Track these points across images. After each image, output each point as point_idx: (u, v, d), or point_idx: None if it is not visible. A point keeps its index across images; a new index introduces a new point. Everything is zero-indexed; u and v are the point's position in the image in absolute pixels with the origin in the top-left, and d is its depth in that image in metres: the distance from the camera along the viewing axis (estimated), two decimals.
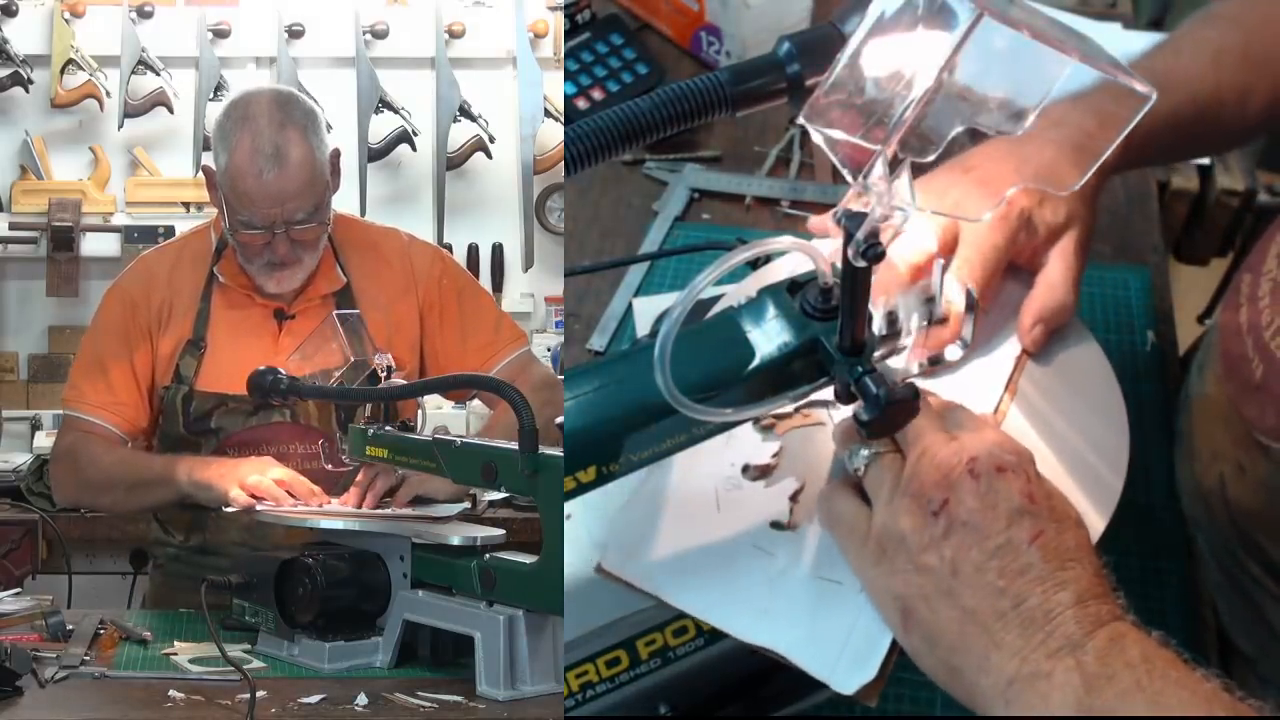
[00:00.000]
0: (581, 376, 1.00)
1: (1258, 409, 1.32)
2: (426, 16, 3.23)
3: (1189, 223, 2.30)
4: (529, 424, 1.43)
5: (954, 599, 0.92)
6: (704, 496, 1.07)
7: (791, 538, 1.04)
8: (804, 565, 1.03)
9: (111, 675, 1.54)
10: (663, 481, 1.08)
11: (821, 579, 1.02)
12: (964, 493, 0.93)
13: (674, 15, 2.09)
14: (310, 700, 1.46)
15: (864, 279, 0.93)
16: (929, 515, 0.93)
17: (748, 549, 1.04)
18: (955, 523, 0.92)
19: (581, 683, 1.11)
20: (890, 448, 0.98)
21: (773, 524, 1.05)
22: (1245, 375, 1.34)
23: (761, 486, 1.08)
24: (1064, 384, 1.18)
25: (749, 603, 1.01)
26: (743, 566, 1.03)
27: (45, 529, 2.76)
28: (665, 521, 1.06)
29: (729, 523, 1.06)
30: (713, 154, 1.93)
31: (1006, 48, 0.88)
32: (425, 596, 1.58)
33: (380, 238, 2.06)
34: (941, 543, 0.92)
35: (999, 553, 0.91)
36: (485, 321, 2.05)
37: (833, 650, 0.98)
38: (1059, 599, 0.90)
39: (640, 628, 1.10)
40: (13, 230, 3.12)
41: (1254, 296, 1.35)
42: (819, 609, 1.00)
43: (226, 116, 1.88)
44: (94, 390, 1.95)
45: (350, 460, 1.73)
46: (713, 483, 1.08)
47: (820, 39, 0.95)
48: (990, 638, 0.90)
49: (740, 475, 1.09)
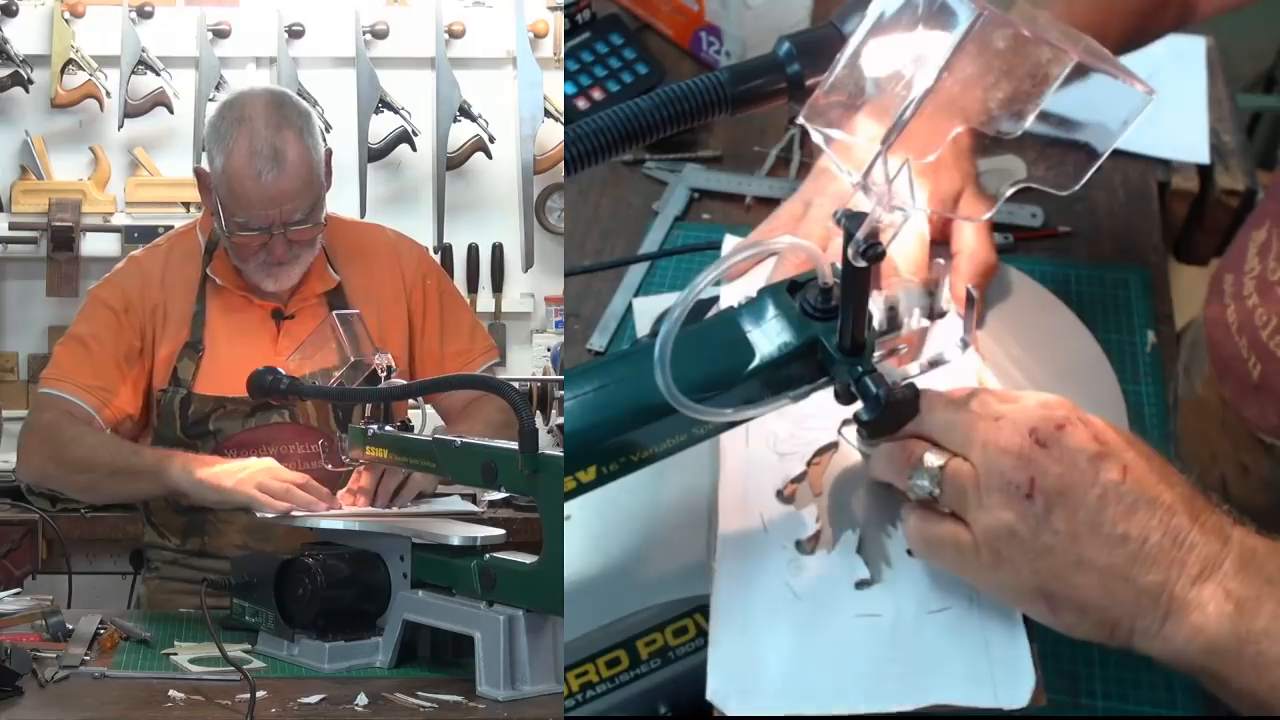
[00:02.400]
0: (581, 376, 1.00)
1: (1258, 408, 1.32)
2: (426, 16, 3.23)
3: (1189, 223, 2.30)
4: (529, 424, 1.43)
5: (1086, 565, 0.92)
6: (778, 594, 1.02)
7: (885, 588, 1.01)
8: (909, 609, 1.00)
9: (111, 675, 1.54)
10: (732, 602, 1.02)
11: (931, 614, 1.00)
12: (1043, 465, 0.92)
13: (674, 15, 2.09)
14: (310, 700, 1.46)
15: (864, 279, 0.93)
16: (1024, 500, 0.92)
17: (851, 620, 1.00)
18: (1051, 495, 0.92)
19: (581, 683, 1.11)
20: (948, 458, 0.97)
21: (858, 584, 1.02)
22: (1242, 376, 1.34)
23: (826, 554, 1.04)
24: (1064, 384, 1.18)
25: (882, 671, 0.97)
26: (857, 639, 0.99)
27: (45, 529, 2.76)
28: (758, 638, 1.00)
29: (817, 605, 1.01)
30: (713, 154, 1.93)
31: (1006, 48, 0.88)
32: (425, 596, 1.58)
33: (368, 235, 2.06)
34: (1048, 519, 0.92)
35: (1102, 503, 0.92)
36: (462, 328, 2.06)
37: (983, 675, 0.96)
38: (1177, 523, 0.91)
39: (640, 628, 1.10)
40: (13, 230, 3.12)
41: (1239, 295, 1.35)
42: (945, 643, 0.98)
43: (221, 118, 1.87)
44: (78, 372, 1.91)
45: (351, 460, 1.72)
46: (778, 577, 1.04)
47: (820, 39, 0.95)
48: (1134, 584, 0.91)
49: (798, 553, 1.05)
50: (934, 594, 1.00)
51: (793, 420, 1.11)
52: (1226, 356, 1.37)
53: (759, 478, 1.09)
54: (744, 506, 1.07)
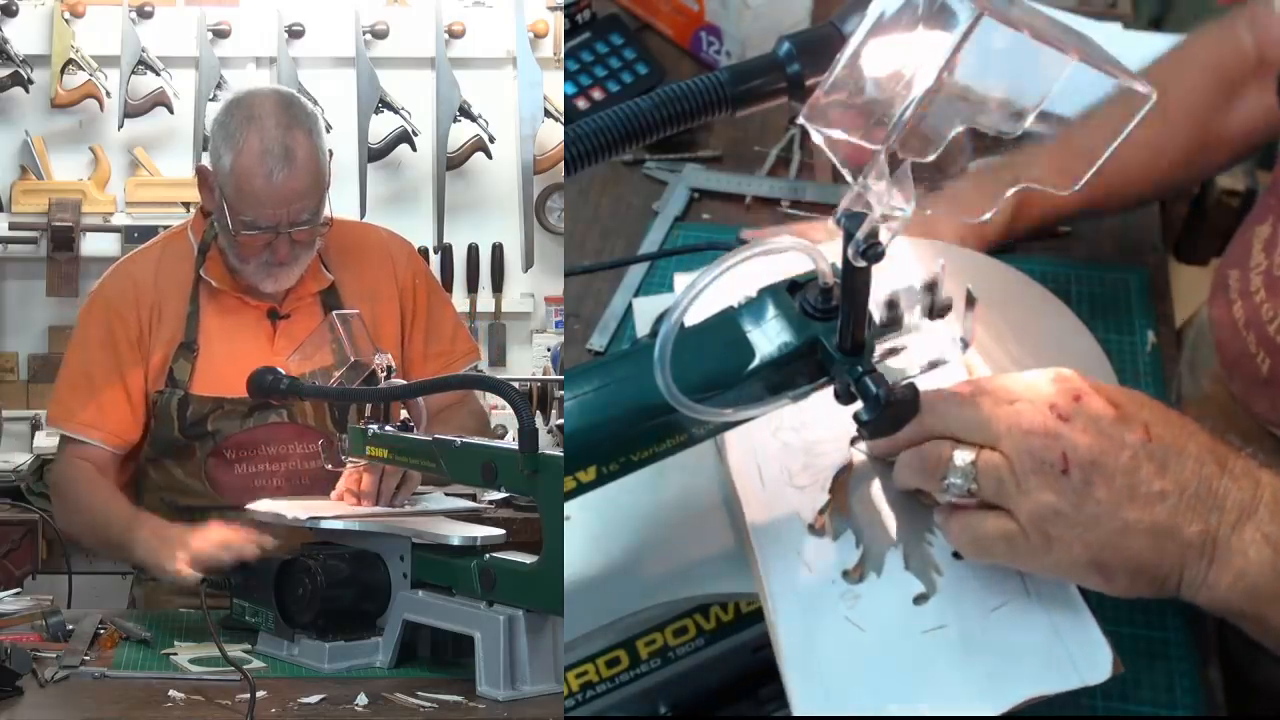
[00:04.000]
0: (581, 376, 1.00)
1: (1269, 403, 1.32)
2: (426, 16, 3.23)
3: (1189, 223, 2.30)
4: (529, 424, 1.43)
5: (1132, 528, 0.93)
6: (843, 633, 1.01)
7: (941, 600, 1.01)
8: (971, 612, 1.00)
9: (111, 675, 1.53)
10: (806, 659, 1.00)
11: (994, 611, 1.00)
12: (1072, 438, 0.94)
13: (674, 15, 2.09)
14: (310, 700, 1.46)
15: (864, 279, 0.93)
16: (1061, 476, 0.93)
17: (920, 639, 0.99)
18: (1086, 466, 0.93)
19: (581, 683, 1.11)
20: (977, 451, 0.97)
21: (915, 600, 1.01)
22: (1251, 371, 1.34)
23: (876, 578, 1.03)
24: None
25: (969, 682, 0.97)
26: (932, 657, 0.99)
27: (45, 529, 2.76)
28: (842, 688, 0.98)
29: (884, 634, 1.00)
30: (713, 154, 1.93)
31: (1006, 48, 0.88)
32: (425, 596, 1.58)
33: (360, 235, 2.06)
34: (1089, 490, 0.93)
35: (1135, 464, 0.93)
36: (445, 329, 2.06)
37: (1062, 659, 0.96)
38: (1208, 472, 0.94)
39: (640, 628, 1.10)
40: (13, 230, 3.12)
41: (1246, 291, 1.35)
42: (1016, 637, 0.98)
43: (229, 116, 1.86)
44: (81, 407, 1.93)
45: (351, 460, 1.72)
46: (836, 614, 1.02)
47: (820, 39, 0.95)
48: (1179, 538, 0.93)
49: (847, 585, 1.03)
50: (989, 591, 1.00)
51: (803, 451, 1.11)
52: (1234, 353, 1.37)
53: (785, 516, 1.08)
54: (782, 549, 1.06)
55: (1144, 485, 0.93)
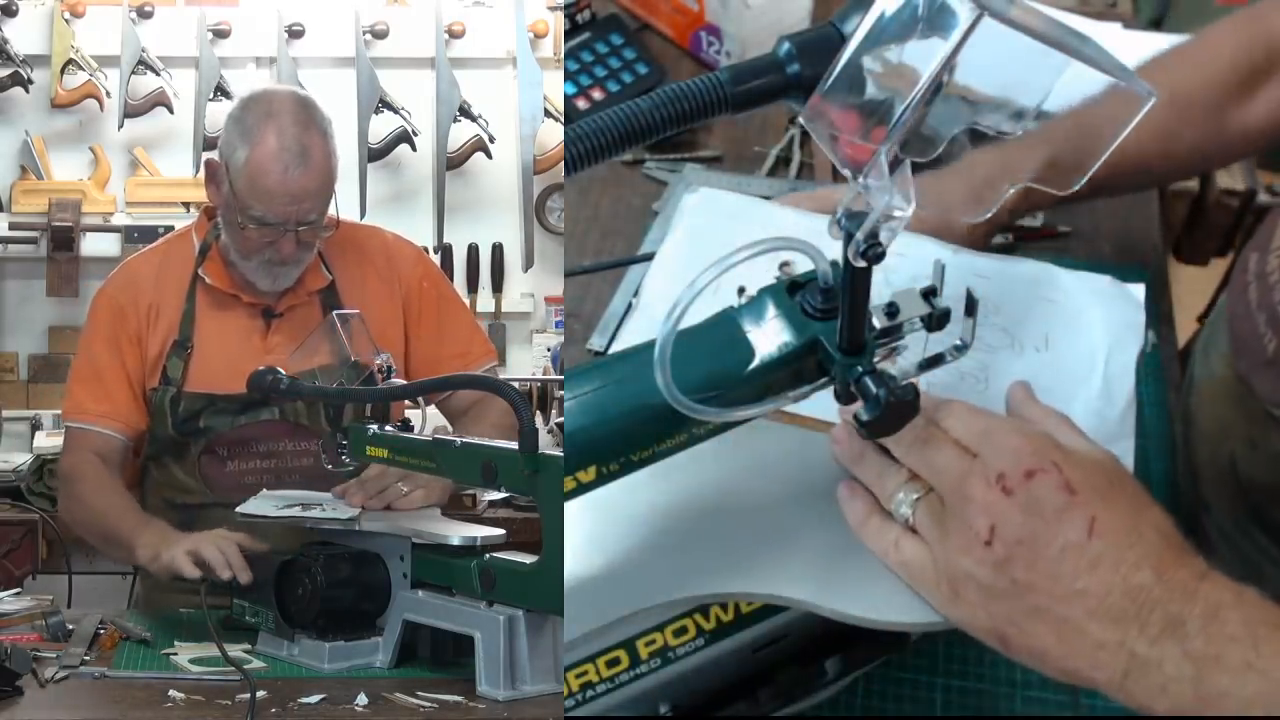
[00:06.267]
0: (581, 376, 1.00)
1: (1271, 383, 1.33)
2: (426, 16, 3.23)
3: (1189, 223, 2.30)
4: (529, 424, 1.43)
5: (1041, 614, 0.91)
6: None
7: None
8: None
9: (111, 675, 1.54)
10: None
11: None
12: (1007, 514, 0.92)
13: (674, 15, 2.09)
14: (310, 700, 1.46)
15: (864, 279, 0.93)
16: (983, 546, 0.92)
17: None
18: (1010, 544, 0.91)
19: (581, 683, 1.11)
20: (924, 489, 0.97)
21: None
22: (1257, 351, 1.35)
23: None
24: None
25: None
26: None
27: (45, 529, 2.76)
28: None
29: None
30: (713, 154, 1.93)
31: (1006, 48, 0.88)
32: (425, 596, 1.58)
33: (362, 236, 2.06)
34: (1006, 568, 0.91)
35: (1064, 556, 0.90)
36: (460, 331, 2.06)
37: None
38: (1139, 580, 0.88)
39: (640, 628, 1.10)
40: (13, 230, 3.12)
41: (1263, 273, 1.36)
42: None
43: (246, 111, 1.87)
44: (93, 400, 1.94)
45: (351, 460, 1.72)
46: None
47: (820, 39, 0.95)
48: (1090, 639, 0.89)
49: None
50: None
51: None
52: (1244, 332, 1.38)
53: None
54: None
55: (1065, 580, 0.90)
